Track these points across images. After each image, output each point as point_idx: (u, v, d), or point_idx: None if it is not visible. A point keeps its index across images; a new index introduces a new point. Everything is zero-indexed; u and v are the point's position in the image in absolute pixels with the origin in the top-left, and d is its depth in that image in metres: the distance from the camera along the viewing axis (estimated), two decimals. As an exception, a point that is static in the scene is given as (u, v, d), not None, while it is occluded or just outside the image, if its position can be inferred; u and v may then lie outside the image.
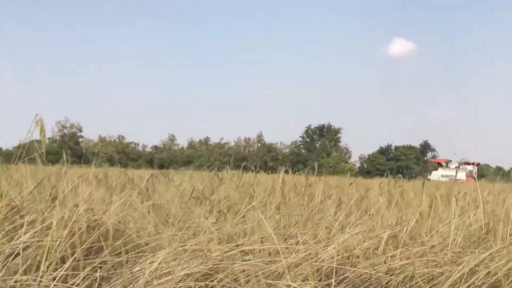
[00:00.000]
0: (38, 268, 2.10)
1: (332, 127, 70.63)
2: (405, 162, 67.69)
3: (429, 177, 48.67)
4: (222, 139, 69.31)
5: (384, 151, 70.76)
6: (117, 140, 67.01)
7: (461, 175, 49.90)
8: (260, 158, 59.66)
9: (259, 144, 68.65)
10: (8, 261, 2.11)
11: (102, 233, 2.42)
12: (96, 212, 2.68)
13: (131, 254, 2.32)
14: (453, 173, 50.57)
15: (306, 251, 2.42)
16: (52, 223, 2.25)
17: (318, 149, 67.01)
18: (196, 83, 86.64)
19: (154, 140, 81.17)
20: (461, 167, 53.28)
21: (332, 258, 2.37)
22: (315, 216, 3.18)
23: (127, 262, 2.24)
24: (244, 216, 3.01)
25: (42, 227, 2.30)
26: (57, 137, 62.41)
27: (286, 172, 4.05)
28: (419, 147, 71.44)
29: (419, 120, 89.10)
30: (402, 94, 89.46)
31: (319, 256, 2.40)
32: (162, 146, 69.74)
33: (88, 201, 2.86)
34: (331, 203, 3.57)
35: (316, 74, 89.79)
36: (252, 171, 5.17)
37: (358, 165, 70.52)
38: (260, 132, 70.30)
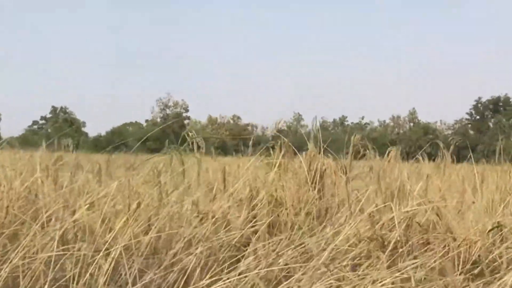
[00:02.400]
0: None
1: (511, 100, 66.66)
2: None
3: None
4: (362, 118, 69.09)
5: None
6: (231, 121, 68.45)
7: None
8: (413, 142, 57.54)
9: (411, 124, 67.46)
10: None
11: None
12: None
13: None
14: None
15: None
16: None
17: (492, 130, 62.64)
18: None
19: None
20: None
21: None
22: None
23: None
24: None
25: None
26: (159, 119, 64.41)
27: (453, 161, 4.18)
28: None
29: None
30: None
31: None
32: (286, 128, 69.06)
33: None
34: None
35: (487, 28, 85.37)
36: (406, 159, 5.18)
37: None
38: (413, 109, 68.65)
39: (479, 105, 67.59)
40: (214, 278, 2.52)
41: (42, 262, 2.65)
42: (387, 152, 4.20)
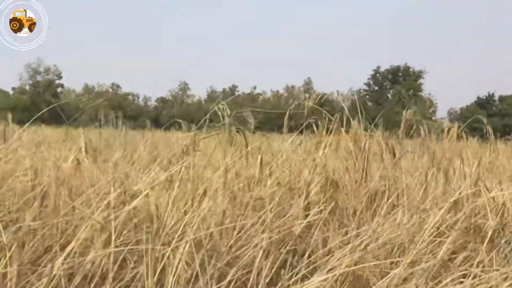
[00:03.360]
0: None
1: (411, 69, 68.58)
2: None
3: None
4: (254, 88, 68.39)
5: (483, 104, 68.56)
6: (110, 90, 66.12)
7: None
8: (309, 114, 57.41)
9: (307, 95, 66.69)
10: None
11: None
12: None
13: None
14: None
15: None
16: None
17: (391, 101, 64.23)
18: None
19: (160, 91, 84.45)
20: None
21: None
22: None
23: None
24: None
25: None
26: (27, 87, 61.25)
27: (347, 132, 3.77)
28: None
29: None
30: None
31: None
32: (171, 98, 68.01)
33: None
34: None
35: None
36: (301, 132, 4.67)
37: (446, 122, 65.59)
38: (308, 78, 69.03)
39: (378, 75, 68.99)
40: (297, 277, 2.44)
41: (104, 258, 2.42)
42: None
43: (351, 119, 3.71)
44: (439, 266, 2.69)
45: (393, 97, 66.38)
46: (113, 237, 2.50)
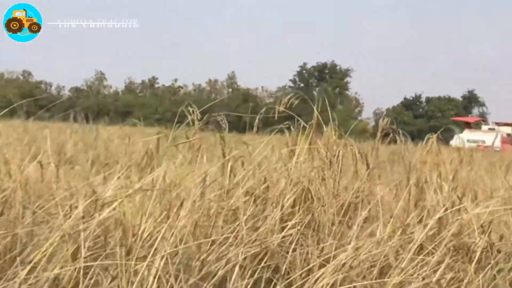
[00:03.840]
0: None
1: (338, 67, 69.40)
2: (441, 121, 63.04)
3: (451, 142, 50.04)
4: (175, 80, 67.61)
5: (410, 105, 69.51)
6: (21, 78, 64.87)
7: (495, 141, 46.21)
8: (232, 109, 55.25)
9: (230, 90, 67.93)
10: None
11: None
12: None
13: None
14: (483, 137, 47.93)
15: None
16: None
17: (317, 99, 63.14)
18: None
19: (74, 80, 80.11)
20: (495, 128, 52.99)
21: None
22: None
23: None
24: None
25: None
26: None
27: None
28: (461, 99, 70.28)
29: (462, 60, 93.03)
30: (437, 20, 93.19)
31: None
32: (86, 88, 66.45)
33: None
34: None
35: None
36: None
37: (372, 123, 64.87)
38: (232, 72, 69.19)
39: (304, 71, 69.56)
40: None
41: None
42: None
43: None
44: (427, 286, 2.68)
45: (319, 95, 64.55)
46: (82, 250, 2.42)
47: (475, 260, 2.82)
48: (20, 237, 2.70)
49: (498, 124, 54.26)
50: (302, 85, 68.86)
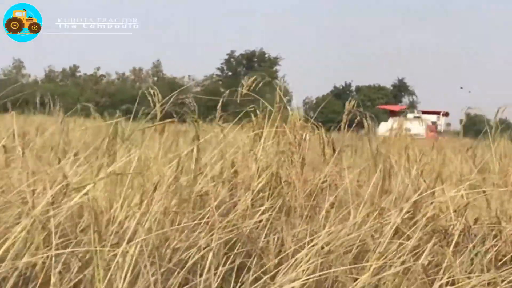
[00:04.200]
0: None
1: (266, 55, 69.80)
2: (371, 110, 62.86)
3: (377, 130, 52.39)
4: (98, 69, 66.57)
5: (340, 94, 70.36)
6: None
7: (419, 129, 51.22)
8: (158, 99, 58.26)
9: (155, 79, 67.28)
10: None
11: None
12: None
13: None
14: (408, 125, 51.07)
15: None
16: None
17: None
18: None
19: None
20: (420, 116, 52.19)
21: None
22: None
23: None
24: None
25: None
26: None
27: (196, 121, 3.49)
28: (391, 88, 71.92)
29: (392, 48, 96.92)
30: (367, 8, 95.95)
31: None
32: (4, 76, 63.81)
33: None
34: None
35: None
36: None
37: (302, 113, 67.96)
38: (158, 61, 68.95)
39: (232, 59, 69.65)
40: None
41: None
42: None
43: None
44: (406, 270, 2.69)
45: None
46: (54, 237, 2.37)
47: (453, 244, 2.85)
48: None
49: (424, 112, 55.52)
50: (230, 73, 69.13)
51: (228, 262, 2.80)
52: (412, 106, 60.81)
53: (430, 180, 3.54)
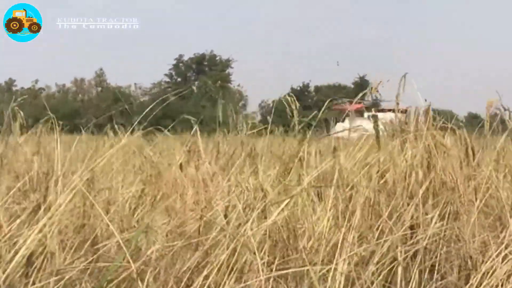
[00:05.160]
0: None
1: (217, 58, 69.45)
2: (332, 110, 59.84)
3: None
4: (36, 82, 66.76)
5: (298, 95, 59.26)
6: None
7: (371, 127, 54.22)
8: (103, 110, 53.02)
9: (99, 89, 67.15)
10: None
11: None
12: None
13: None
14: (364, 124, 50.95)
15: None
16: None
17: (197, 94, 64.51)
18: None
19: None
20: (377, 115, 56.99)
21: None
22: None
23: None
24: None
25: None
26: None
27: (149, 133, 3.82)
28: (352, 86, 70.68)
29: (350, 42, 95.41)
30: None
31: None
32: None
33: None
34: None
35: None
36: (93, 133, 4.92)
37: (258, 117, 65.75)
38: (101, 70, 68.15)
39: (181, 64, 68.74)
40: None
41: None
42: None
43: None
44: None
45: (198, 89, 66.54)
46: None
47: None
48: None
49: (383, 110, 58.13)
50: (179, 79, 68.70)
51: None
52: (375, 105, 70.71)
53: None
